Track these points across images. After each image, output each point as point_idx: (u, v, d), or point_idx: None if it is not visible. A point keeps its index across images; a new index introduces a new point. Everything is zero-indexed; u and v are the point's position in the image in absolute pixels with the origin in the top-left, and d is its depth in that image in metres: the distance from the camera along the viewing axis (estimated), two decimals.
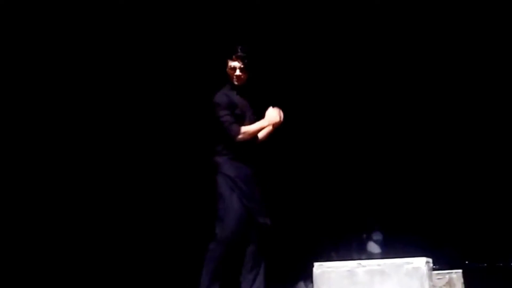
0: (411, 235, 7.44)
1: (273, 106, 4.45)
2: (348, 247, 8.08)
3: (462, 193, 8.30)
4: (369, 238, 8.56)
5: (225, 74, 4.35)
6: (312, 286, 4.09)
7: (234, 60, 4.29)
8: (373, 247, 8.53)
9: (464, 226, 8.17)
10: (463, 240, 8.06)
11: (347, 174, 8.57)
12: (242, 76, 4.31)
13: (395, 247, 6.57)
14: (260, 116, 4.40)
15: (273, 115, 4.36)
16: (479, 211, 8.24)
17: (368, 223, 8.53)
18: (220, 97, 4.28)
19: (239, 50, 4.29)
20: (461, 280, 5.04)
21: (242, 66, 4.28)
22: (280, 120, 4.38)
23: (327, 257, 4.46)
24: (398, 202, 8.31)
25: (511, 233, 8.01)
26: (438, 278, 4.76)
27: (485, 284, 5.81)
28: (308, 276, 4.47)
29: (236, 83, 4.32)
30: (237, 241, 4.13)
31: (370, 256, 7.96)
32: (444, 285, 4.80)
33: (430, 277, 3.86)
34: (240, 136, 4.19)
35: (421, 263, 3.82)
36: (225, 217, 4.09)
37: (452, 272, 5.01)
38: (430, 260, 3.97)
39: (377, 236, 8.58)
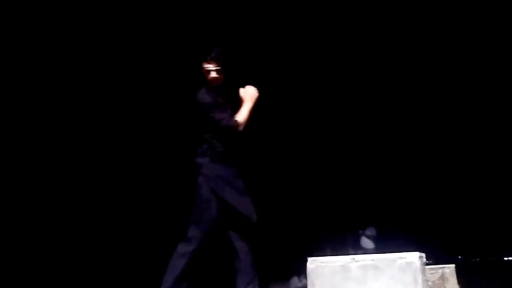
0: (405, 230, 7.46)
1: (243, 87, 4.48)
2: (343, 242, 8.10)
3: (455, 189, 8.33)
4: (363, 234, 8.59)
5: (203, 78, 4.34)
6: (306, 281, 4.11)
7: (208, 62, 4.28)
8: (366, 242, 8.56)
9: (457, 221, 8.20)
10: (456, 235, 8.09)
11: (341, 170, 8.58)
12: (218, 77, 4.30)
13: (388, 242, 6.58)
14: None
15: (250, 92, 4.37)
16: (472, 206, 8.27)
17: (362, 219, 8.55)
18: (205, 96, 4.26)
19: (213, 52, 4.28)
20: (454, 274, 5.07)
21: (217, 68, 4.27)
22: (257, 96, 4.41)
23: (321, 251, 4.47)
24: (391, 198, 8.33)
25: (503, 228, 8.05)
26: (431, 273, 4.79)
27: (478, 279, 5.84)
28: (302, 271, 4.49)
29: (213, 84, 4.30)
30: (207, 244, 4.11)
31: (364, 251, 7.98)
32: (437, 280, 4.82)
33: (423, 271, 3.88)
34: (240, 127, 4.21)
35: (414, 258, 3.84)
36: (201, 219, 4.06)
37: (445, 267, 5.04)
38: (423, 255, 3.99)
39: (371, 231, 8.61)
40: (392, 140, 8.48)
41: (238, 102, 4.41)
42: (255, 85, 4.49)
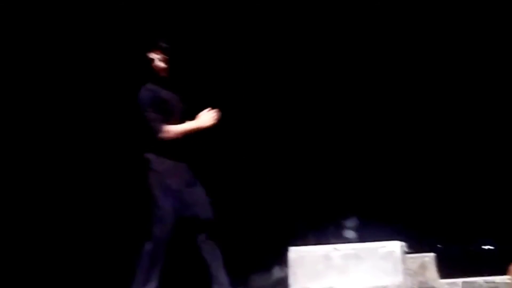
0: (385, 220, 7.51)
1: (211, 108, 4.38)
2: (324, 232, 8.13)
3: (435, 178, 8.40)
4: (345, 224, 8.63)
5: (149, 70, 4.25)
6: (288, 270, 4.12)
7: (154, 52, 4.22)
8: (348, 232, 8.60)
9: (437, 211, 8.28)
10: (435, 224, 8.17)
11: (322, 160, 8.61)
12: (164, 67, 4.20)
13: (369, 232, 6.63)
14: (193, 109, 4.32)
15: (206, 119, 4.24)
16: (451, 196, 8.35)
17: (344, 209, 8.59)
18: (144, 93, 4.15)
19: (159, 42, 4.23)
20: (434, 263, 5.11)
21: (164, 56, 4.22)
22: (213, 123, 4.29)
23: (304, 240, 4.47)
24: (372, 187, 8.38)
25: (482, 217, 8.14)
26: (412, 262, 4.82)
27: (457, 267, 5.90)
28: (283, 260, 4.50)
29: (162, 74, 4.21)
30: (172, 239, 4.03)
31: (346, 241, 8.02)
32: (417, 268, 4.86)
33: (403, 260, 3.92)
34: (163, 135, 4.05)
35: (395, 246, 3.88)
36: (160, 216, 3.99)
37: (425, 256, 5.08)
38: (404, 243, 4.03)
39: (353, 221, 8.65)
40: (372, 131, 8.51)
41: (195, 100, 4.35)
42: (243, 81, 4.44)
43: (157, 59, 4.18)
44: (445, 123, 8.33)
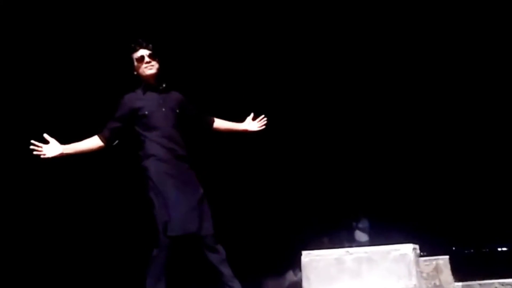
0: (399, 222, 7.48)
1: (254, 116, 4.44)
2: (337, 235, 8.10)
3: (449, 181, 8.35)
4: (356, 226, 8.60)
5: (136, 77, 4.21)
6: (301, 274, 4.11)
7: (138, 50, 4.08)
8: (360, 235, 8.57)
9: (451, 213, 8.23)
10: (449, 226, 8.12)
11: (334, 163, 8.59)
12: (153, 63, 4.05)
13: (382, 234, 6.61)
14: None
15: (253, 124, 4.43)
16: (465, 198, 8.29)
17: (356, 211, 8.56)
18: (122, 98, 4.07)
19: (140, 40, 4.16)
20: (448, 266, 5.08)
21: (149, 52, 4.06)
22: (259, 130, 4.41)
23: (317, 244, 4.46)
24: (385, 190, 8.34)
25: (497, 219, 8.08)
26: (426, 265, 4.80)
27: (472, 270, 5.86)
28: (296, 264, 4.49)
29: (149, 72, 4.04)
30: (176, 245, 3.98)
31: (359, 244, 7.99)
32: (431, 271, 4.84)
33: (417, 263, 3.89)
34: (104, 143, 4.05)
35: (408, 249, 3.85)
36: (157, 222, 3.96)
37: (439, 258, 5.05)
38: (417, 246, 4.00)
39: (364, 224, 8.62)
40: (385, 133, 8.48)
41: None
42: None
43: (146, 56, 4.11)
44: (460, 126, 8.28)
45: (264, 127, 4.48)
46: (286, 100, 7.93)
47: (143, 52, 4.07)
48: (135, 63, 4.10)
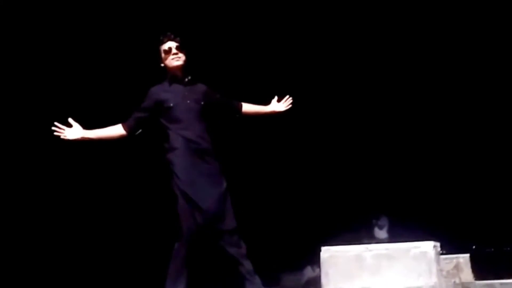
0: (419, 220, 7.43)
1: (278, 98, 4.50)
2: (357, 232, 8.07)
3: (470, 177, 8.27)
4: (376, 224, 8.56)
5: (162, 69, 4.22)
6: (319, 270, 4.10)
7: (166, 42, 4.15)
8: (379, 232, 8.53)
9: (472, 210, 8.15)
10: (470, 224, 8.05)
11: (354, 159, 8.55)
12: (179, 55, 4.12)
13: (402, 232, 6.57)
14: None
15: (279, 105, 4.47)
16: (486, 195, 8.21)
17: (376, 208, 8.52)
18: (149, 90, 4.14)
19: (168, 33, 4.19)
20: (469, 264, 5.05)
21: (177, 44, 4.13)
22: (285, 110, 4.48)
23: (337, 240, 4.43)
24: (405, 187, 8.28)
25: None
26: (446, 263, 4.77)
27: (492, 269, 5.81)
28: (315, 260, 4.48)
29: (176, 63, 4.10)
30: (199, 239, 3.98)
31: (378, 241, 7.95)
32: (451, 269, 4.81)
33: (437, 261, 3.87)
34: (127, 133, 4.11)
35: (429, 247, 3.83)
36: (180, 215, 3.96)
37: (459, 257, 5.02)
38: (438, 244, 3.97)
39: (383, 221, 8.57)
40: (407, 131, 8.43)
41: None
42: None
43: (173, 48, 4.14)
44: (485, 125, 8.19)
45: (291, 106, 4.52)
46: (309, 96, 7.91)
47: (171, 44, 4.14)
48: (163, 55, 4.17)
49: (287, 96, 4.58)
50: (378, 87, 8.41)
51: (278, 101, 4.59)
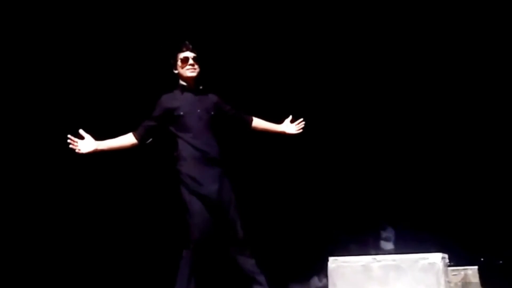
0: (427, 231, 7.40)
1: (292, 119, 4.49)
2: (364, 242, 8.05)
3: (478, 189, 8.23)
4: (381, 235, 8.53)
5: (174, 77, 4.23)
6: (326, 281, 4.09)
7: (184, 51, 4.19)
8: (384, 244, 8.50)
9: (480, 222, 8.11)
10: (478, 236, 8.00)
11: (360, 169, 8.53)
12: (195, 66, 4.17)
13: (409, 243, 6.54)
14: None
15: (292, 127, 4.51)
16: (495, 207, 8.17)
17: (382, 219, 8.49)
18: (159, 98, 4.19)
19: (187, 42, 4.21)
20: (477, 276, 5.01)
21: (194, 55, 4.18)
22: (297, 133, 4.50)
23: (342, 251, 4.43)
24: (413, 198, 8.26)
25: None
26: (454, 274, 4.74)
27: (501, 281, 5.78)
28: (322, 271, 4.46)
29: (190, 74, 4.16)
30: (207, 247, 3.98)
31: (384, 252, 7.92)
32: (459, 281, 4.78)
33: (445, 273, 3.85)
34: (138, 142, 4.16)
35: (437, 258, 3.81)
36: (191, 222, 3.96)
37: (467, 269, 4.98)
38: (446, 255, 3.95)
39: (389, 232, 8.55)
40: (414, 143, 8.41)
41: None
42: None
43: (190, 58, 4.17)
44: (497, 137, 8.15)
45: (301, 130, 4.52)
46: (319, 109, 7.91)
47: (189, 54, 4.18)
48: (179, 63, 4.19)
49: (301, 119, 4.55)
50: (386, 100, 8.40)
51: (292, 121, 4.57)
